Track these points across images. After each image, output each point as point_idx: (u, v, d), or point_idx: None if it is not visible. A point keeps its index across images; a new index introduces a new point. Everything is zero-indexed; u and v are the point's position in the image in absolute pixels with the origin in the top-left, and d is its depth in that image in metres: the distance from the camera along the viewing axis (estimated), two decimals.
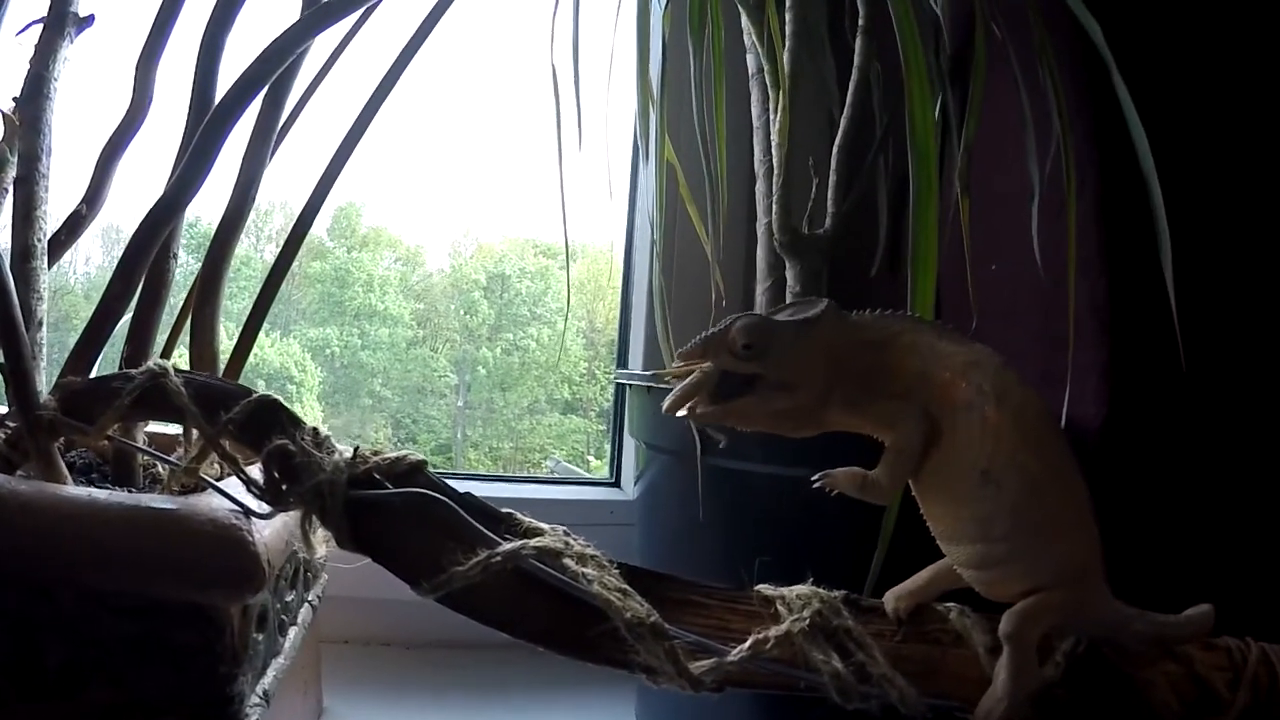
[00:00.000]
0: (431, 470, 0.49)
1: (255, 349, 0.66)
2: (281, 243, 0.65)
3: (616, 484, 0.99)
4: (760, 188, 0.81)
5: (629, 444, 1.01)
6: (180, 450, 0.62)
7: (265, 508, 0.46)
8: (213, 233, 0.63)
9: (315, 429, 0.48)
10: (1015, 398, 0.41)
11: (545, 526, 0.47)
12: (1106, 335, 0.70)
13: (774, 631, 0.41)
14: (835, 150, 0.76)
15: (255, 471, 0.48)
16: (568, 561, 0.43)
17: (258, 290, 0.65)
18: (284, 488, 0.46)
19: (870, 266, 0.88)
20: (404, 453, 0.48)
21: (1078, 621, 0.43)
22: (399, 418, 2.39)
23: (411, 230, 2.49)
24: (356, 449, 0.47)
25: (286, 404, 0.50)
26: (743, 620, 0.44)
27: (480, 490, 0.48)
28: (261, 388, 0.50)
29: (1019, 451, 0.41)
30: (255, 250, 2.51)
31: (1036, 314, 0.76)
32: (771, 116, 0.79)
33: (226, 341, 0.66)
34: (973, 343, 0.44)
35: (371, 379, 2.39)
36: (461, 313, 2.44)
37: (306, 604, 0.67)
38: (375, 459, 0.47)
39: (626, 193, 1.06)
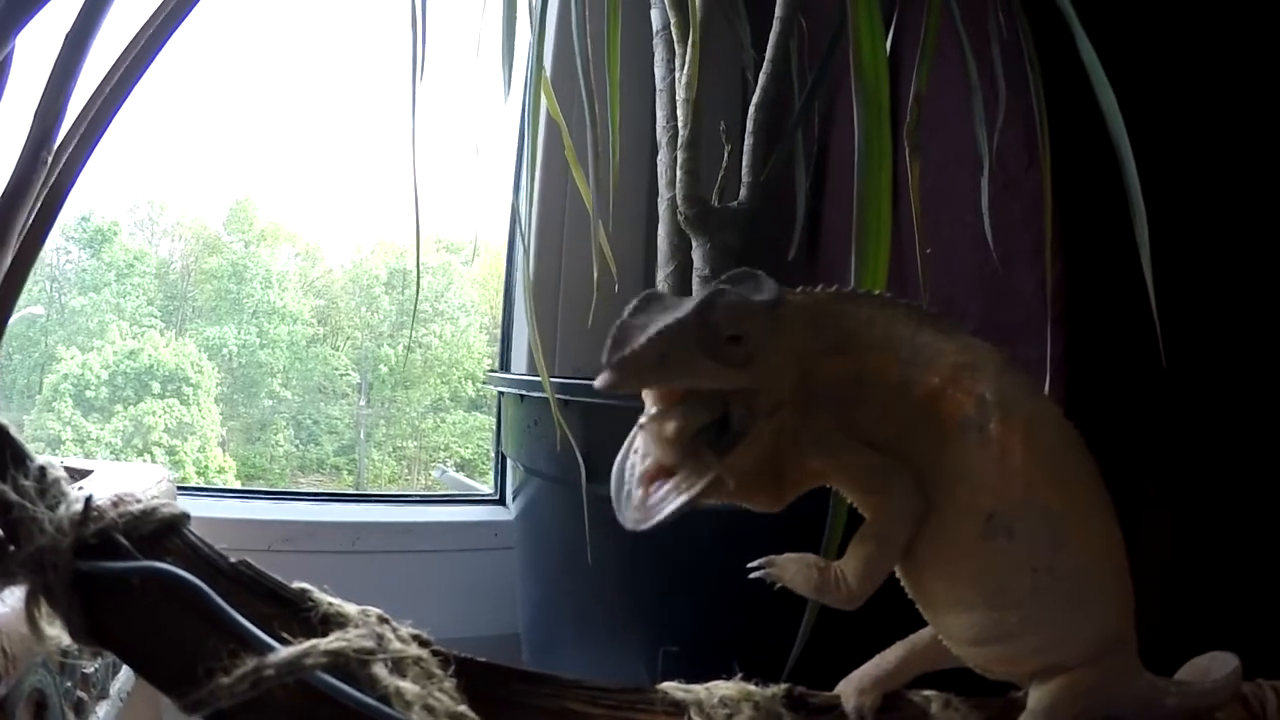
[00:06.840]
0: (193, 533, 0.32)
1: (150, 349, 0.45)
2: (178, 237, 0.44)
3: (501, 501, 0.80)
4: (664, 158, 0.63)
5: None
6: None
7: None
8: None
9: (43, 468, 0.33)
10: (1026, 411, 0.28)
11: (353, 610, 0.31)
12: (1062, 325, 0.58)
13: None
14: (752, 109, 0.59)
15: None
16: (378, 670, 0.28)
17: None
18: (11, 549, 0.31)
19: (786, 250, 0.72)
20: (155, 503, 0.32)
21: (1106, 703, 0.32)
22: (300, 419, 2.18)
23: (311, 224, 2.30)
24: (89, 499, 0.31)
25: (11, 431, 0.33)
26: None
27: (351, 513, 0.30)
28: (155, 391, 0.32)
29: (1036, 486, 0.28)
30: (151, 245, 2.26)
31: (980, 301, 0.63)
32: (678, 75, 0.61)
33: (130, 341, 0.45)
34: (962, 332, 0.30)
35: (271, 379, 2.18)
36: (363, 309, 2.26)
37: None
38: (114, 512, 0.31)
39: (512, 175, 0.87)
